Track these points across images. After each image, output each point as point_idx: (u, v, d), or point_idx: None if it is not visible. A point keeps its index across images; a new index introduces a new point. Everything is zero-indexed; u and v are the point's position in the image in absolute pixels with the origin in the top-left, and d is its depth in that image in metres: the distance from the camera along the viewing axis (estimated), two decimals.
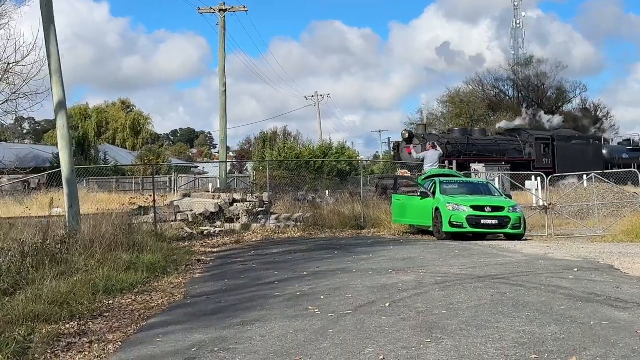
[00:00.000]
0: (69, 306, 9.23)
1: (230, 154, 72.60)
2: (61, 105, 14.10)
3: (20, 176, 30.08)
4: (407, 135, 34.30)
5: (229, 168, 52.09)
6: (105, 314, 9.20)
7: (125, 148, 74.77)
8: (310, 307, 8.21)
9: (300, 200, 23.83)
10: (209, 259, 14.38)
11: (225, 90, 33.00)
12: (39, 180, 30.83)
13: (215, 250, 15.82)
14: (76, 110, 79.10)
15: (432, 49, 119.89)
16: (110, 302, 9.87)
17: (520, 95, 71.47)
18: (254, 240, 17.65)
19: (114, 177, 44.82)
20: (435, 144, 22.43)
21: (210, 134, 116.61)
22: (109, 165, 28.27)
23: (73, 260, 11.83)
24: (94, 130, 79.45)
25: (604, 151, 42.20)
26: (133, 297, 10.27)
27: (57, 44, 14.16)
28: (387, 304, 8.14)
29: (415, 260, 12.50)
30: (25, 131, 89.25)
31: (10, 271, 10.68)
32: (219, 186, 30.91)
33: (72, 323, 8.58)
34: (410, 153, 28.67)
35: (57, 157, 49.19)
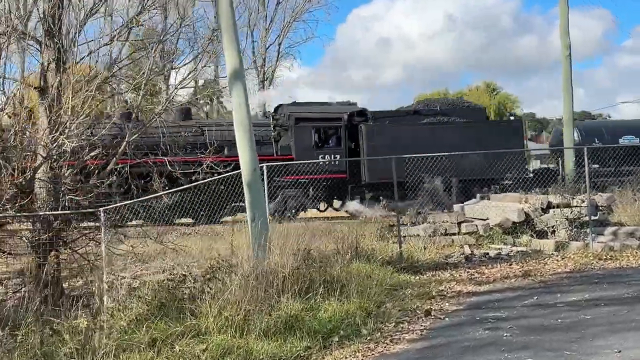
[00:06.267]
0: None
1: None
2: (236, 75, 11.02)
3: None
4: None
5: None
6: None
7: None
8: None
9: None
10: (451, 309, 9.83)
11: (570, 55, 27.63)
12: None
13: (480, 290, 11.11)
14: (434, 96, 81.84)
15: None
16: None
17: None
18: (558, 271, 12.31)
19: None
20: None
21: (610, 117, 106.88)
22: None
23: (203, 311, 8.43)
24: None
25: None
26: None
27: None
28: None
29: None
30: None
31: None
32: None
33: None
34: None
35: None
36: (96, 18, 12.82)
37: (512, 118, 26.95)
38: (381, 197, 22.25)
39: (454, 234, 15.64)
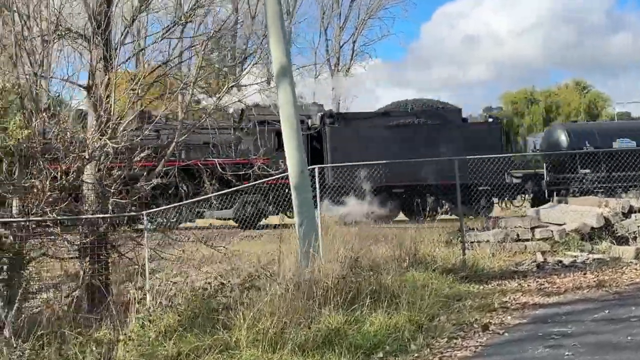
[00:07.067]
0: None
1: None
2: (284, 71, 10.62)
3: None
4: None
5: None
6: None
7: None
8: None
9: None
10: (513, 322, 9.15)
11: None
12: None
13: (548, 301, 10.35)
14: (520, 94, 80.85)
15: None
16: None
17: None
18: (636, 281, 11.44)
19: None
20: None
21: None
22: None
23: (237, 324, 8.03)
24: (541, 116, 79.49)
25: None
26: None
27: None
28: None
29: None
30: None
31: None
32: None
33: None
34: None
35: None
36: (145, 15, 12.66)
37: (490, 120, 25.74)
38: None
39: (526, 240, 14.83)
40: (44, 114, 9.97)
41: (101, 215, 10.43)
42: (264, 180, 13.24)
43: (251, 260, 11.12)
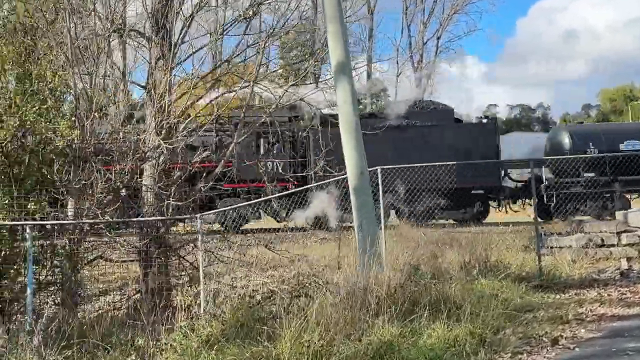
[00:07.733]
0: None
1: None
2: (342, 68, 10.23)
3: None
4: None
5: None
6: None
7: None
8: None
9: None
10: (586, 336, 8.47)
11: None
12: None
13: (628, 313, 9.61)
14: (619, 91, 78.64)
15: None
16: None
17: None
18: None
19: None
20: None
21: None
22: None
23: (282, 335, 7.67)
24: None
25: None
26: None
27: None
28: None
29: None
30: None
31: None
32: None
33: None
34: None
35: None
36: (206, 11, 12.40)
37: (484, 120, 24.45)
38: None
39: (612, 246, 13.91)
40: (95, 114, 9.88)
41: (153, 218, 10.26)
42: (318, 184, 12.84)
43: (306, 265, 10.76)
